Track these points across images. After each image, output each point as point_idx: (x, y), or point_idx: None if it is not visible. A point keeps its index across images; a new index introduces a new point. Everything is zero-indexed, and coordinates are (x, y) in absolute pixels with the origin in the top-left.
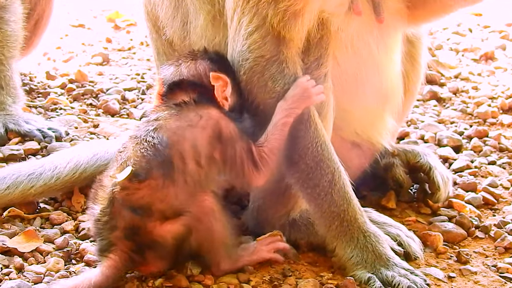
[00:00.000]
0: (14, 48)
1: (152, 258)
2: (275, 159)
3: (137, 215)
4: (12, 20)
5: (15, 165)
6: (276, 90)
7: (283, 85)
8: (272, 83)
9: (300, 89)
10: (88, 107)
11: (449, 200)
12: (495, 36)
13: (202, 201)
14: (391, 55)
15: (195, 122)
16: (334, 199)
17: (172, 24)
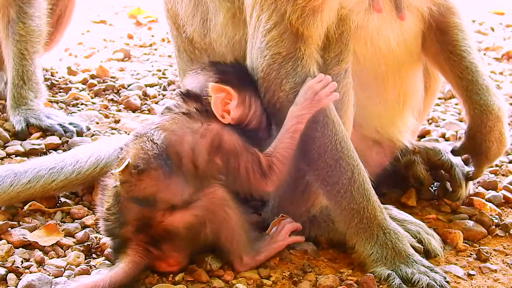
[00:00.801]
0: (37, 43)
1: (169, 250)
2: (285, 167)
3: (143, 206)
4: (36, 15)
5: (37, 159)
6: (286, 88)
7: (294, 84)
8: (286, 81)
9: (310, 93)
10: (109, 103)
11: (469, 198)
12: None
13: (212, 191)
14: (412, 52)
15: (196, 129)
16: (354, 196)
17: (192, 21)
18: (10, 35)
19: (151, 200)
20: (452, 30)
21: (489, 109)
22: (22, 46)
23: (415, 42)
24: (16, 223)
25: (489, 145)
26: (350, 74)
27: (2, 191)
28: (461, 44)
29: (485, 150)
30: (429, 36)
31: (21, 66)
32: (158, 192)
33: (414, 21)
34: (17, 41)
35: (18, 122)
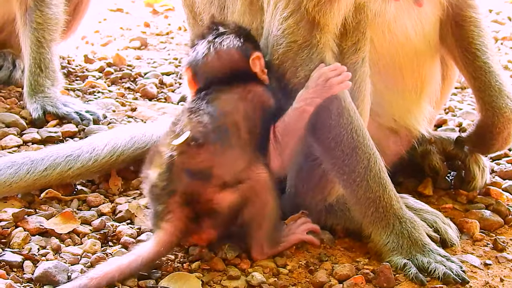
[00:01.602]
0: (54, 31)
1: (207, 227)
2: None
3: (197, 180)
4: (53, 3)
5: (53, 147)
6: (301, 75)
7: (309, 71)
8: (300, 68)
9: (322, 79)
10: (126, 91)
11: (486, 188)
12: None
13: (259, 173)
14: (429, 41)
15: (244, 96)
16: (370, 185)
17: (210, 9)
18: (28, 23)
19: (206, 174)
20: (467, 25)
21: (501, 111)
22: (39, 34)
23: (433, 30)
24: (33, 210)
25: (495, 143)
26: (367, 63)
27: (19, 178)
28: (476, 42)
29: (490, 146)
30: (445, 27)
31: (38, 54)
32: (214, 167)
33: (432, 9)
34: (34, 29)
35: (35, 109)
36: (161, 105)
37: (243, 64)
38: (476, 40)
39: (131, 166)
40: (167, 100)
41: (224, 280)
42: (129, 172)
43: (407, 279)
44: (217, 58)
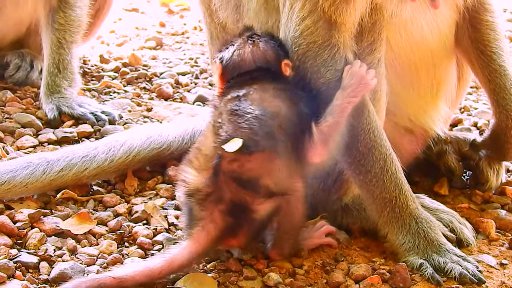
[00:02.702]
0: (76, 33)
1: (241, 234)
2: (332, 138)
3: (245, 189)
4: (77, 6)
5: (69, 148)
6: (327, 76)
7: (334, 71)
8: (324, 69)
9: (358, 78)
10: (141, 91)
11: (502, 187)
12: None
13: (296, 182)
14: (445, 42)
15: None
16: (386, 185)
17: (226, 7)
18: (50, 23)
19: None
20: (484, 29)
21: None
22: (60, 35)
23: (448, 31)
24: (49, 211)
25: (510, 147)
26: (383, 63)
27: (35, 179)
28: (492, 46)
29: (505, 151)
30: (461, 30)
31: (57, 55)
32: (262, 177)
33: (448, 10)
34: (56, 30)
35: (51, 110)
36: (176, 105)
37: (276, 66)
38: (492, 44)
39: (147, 166)
40: (183, 100)
41: (240, 281)
42: (145, 172)
43: (423, 279)
44: (251, 55)
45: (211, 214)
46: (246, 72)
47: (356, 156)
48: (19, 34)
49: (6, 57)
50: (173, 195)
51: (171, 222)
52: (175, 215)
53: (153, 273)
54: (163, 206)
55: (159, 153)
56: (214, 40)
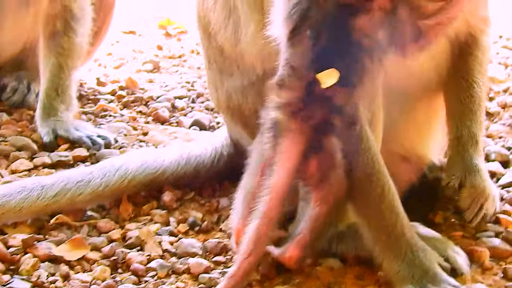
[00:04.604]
0: (77, 59)
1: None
2: None
3: (335, 113)
4: (80, 32)
5: (64, 172)
6: None
7: None
8: None
9: None
10: (137, 115)
11: (496, 216)
12: None
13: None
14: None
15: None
16: (383, 213)
17: (224, 31)
18: (53, 47)
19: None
20: (472, 62)
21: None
22: (63, 59)
23: (443, 63)
24: (43, 236)
25: None
26: (380, 90)
27: (29, 204)
28: (476, 76)
29: None
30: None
31: (57, 78)
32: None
33: (443, 43)
34: (59, 54)
35: (46, 133)
36: (173, 129)
37: None
38: (476, 75)
39: (142, 191)
40: (179, 124)
41: None
42: (140, 197)
43: None
44: None
45: (301, 127)
46: None
47: (353, 183)
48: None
49: (3, 80)
50: (167, 221)
51: (165, 248)
52: (170, 241)
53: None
54: (157, 232)
55: (154, 178)
56: (211, 64)
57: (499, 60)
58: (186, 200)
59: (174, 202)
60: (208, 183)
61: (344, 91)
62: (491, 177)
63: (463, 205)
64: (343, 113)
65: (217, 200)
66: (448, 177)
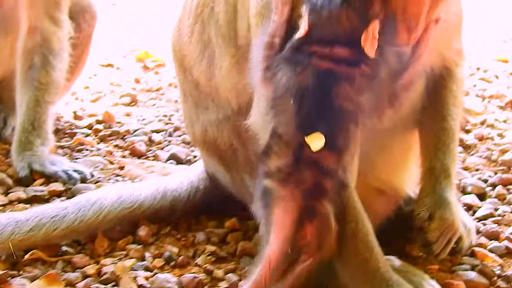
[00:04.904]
0: (54, 94)
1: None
2: None
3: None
4: (58, 68)
5: (39, 207)
6: None
7: None
8: None
9: None
10: (114, 149)
11: (472, 249)
12: None
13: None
14: (414, 106)
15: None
16: (357, 248)
17: (199, 65)
18: (30, 80)
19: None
20: (447, 94)
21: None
22: (39, 94)
23: (418, 94)
24: (16, 272)
25: None
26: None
27: (3, 239)
28: (450, 109)
29: None
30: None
31: (34, 113)
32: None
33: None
34: (36, 88)
35: (22, 168)
36: (149, 163)
37: None
38: (451, 107)
39: (118, 226)
40: (156, 158)
41: None
42: (116, 232)
43: None
44: None
45: (292, 193)
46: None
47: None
48: None
49: None
50: (143, 256)
51: (141, 283)
52: (145, 276)
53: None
54: (133, 267)
55: (130, 213)
56: (187, 98)
57: (476, 92)
58: (162, 235)
59: (150, 237)
60: (184, 217)
61: (333, 155)
62: (467, 210)
63: (431, 238)
64: (333, 176)
65: (193, 235)
66: (418, 208)
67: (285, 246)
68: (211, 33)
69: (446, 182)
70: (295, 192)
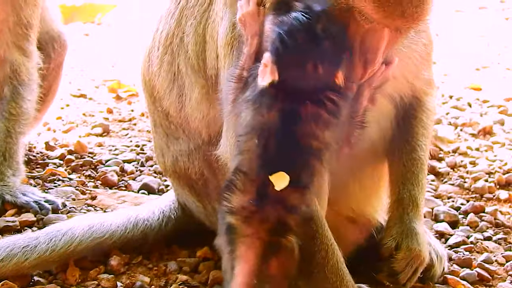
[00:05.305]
0: (25, 125)
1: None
2: None
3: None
4: (28, 99)
5: (10, 238)
6: None
7: None
8: None
9: None
10: (86, 179)
11: (444, 276)
12: (493, 111)
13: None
14: (385, 136)
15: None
16: (327, 276)
17: (169, 95)
18: (0, 112)
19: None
20: (416, 125)
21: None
22: (10, 124)
23: (388, 124)
24: None
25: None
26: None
27: None
28: (419, 139)
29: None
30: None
31: (5, 143)
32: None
33: (387, 105)
34: (6, 119)
35: None
36: (121, 193)
37: None
38: (420, 138)
39: (89, 256)
40: (128, 188)
41: None
42: (87, 262)
43: None
44: None
45: (256, 231)
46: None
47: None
48: None
49: None
50: (115, 285)
51: None
52: None
53: None
54: None
55: (101, 243)
56: (157, 128)
57: (449, 120)
58: (133, 264)
59: (122, 266)
60: (156, 247)
61: (297, 192)
62: (439, 238)
63: (397, 267)
64: (298, 212)
65: (165, 264)
66: (385, 238)
67: (250, 280)
68: (181, 63)
69: (414, 212)
70: (260, 229)
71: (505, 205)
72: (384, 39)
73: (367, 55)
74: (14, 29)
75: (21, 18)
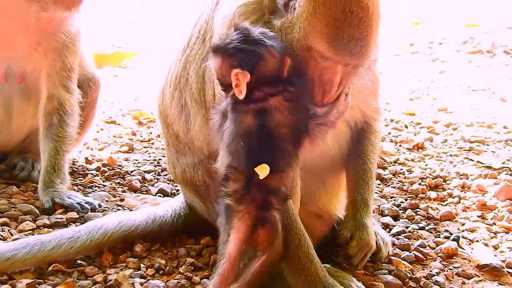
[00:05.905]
0: (69, 145)
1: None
2: None
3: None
4: (71, 125)
5: (59, 231)
6: None
7: None
8: None
9: None
10: (116, 185)
11: (389, 258)
12: (424, 131)
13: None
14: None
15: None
16: (300, 259)
17: (178, 122)
18: (50, 135)
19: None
20: (366, 143)
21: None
22: (58, 145)
23: (345, 142)
24: (42, 280)
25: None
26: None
27: (32, 256)
28: (369, 154)
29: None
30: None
31: (54, 159)
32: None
33: (345, 128)
34: (55, 140)
35: (47, 201)
36: (143, 196)
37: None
38: (370, 153)
39: (119, 244)
40: (148, 192)
41: None
42: (118, 249)
43: None
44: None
45: (246, 208)
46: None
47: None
48: (21, 140)
49: (13, 160)
50: (139, 267)
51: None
52: (140, 282)
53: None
54: (131, 276)
55: (128, 234)
56: (170, 146)
57: (391, 138)
58: (153, 250)
59: (144, 252)
60: (169, 237)
61: (277, 177)
62: (385, 228)
63: (351, 252)
64: (277, 192)
65: (176, 250)
66: (342, 230)
67: (242, 246)
68: (187, 98)
69: (365, 210)
70: (249, 207)
71: (435, 203)
72: (338, 73)
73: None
74: (60, 73)
75: (65, 63)
